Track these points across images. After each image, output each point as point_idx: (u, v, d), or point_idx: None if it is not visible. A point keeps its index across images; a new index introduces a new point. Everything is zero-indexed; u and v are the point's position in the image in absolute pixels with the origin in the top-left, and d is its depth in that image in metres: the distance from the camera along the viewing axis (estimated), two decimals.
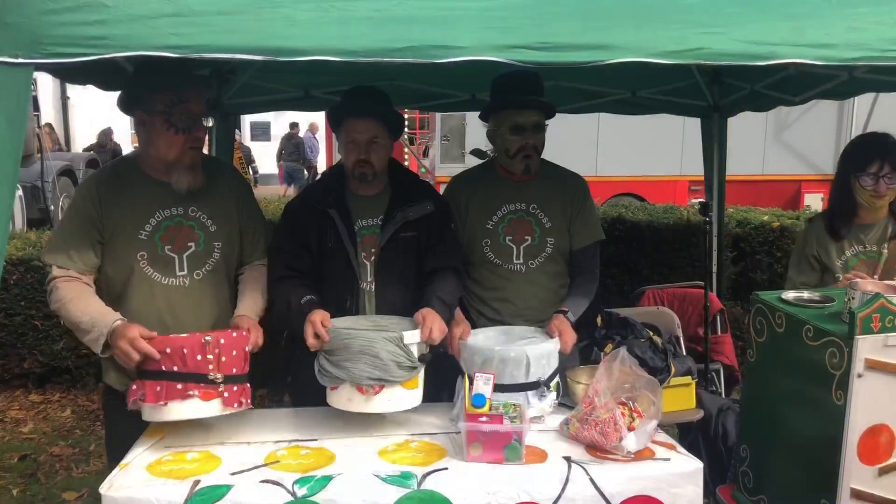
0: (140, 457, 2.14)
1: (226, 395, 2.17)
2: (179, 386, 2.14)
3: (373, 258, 2.63)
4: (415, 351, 2.29)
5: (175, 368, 2.13)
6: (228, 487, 1.96)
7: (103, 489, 1.95)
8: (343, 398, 2.26)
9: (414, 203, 2.68)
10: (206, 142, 3.18)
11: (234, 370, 2.19)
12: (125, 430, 2.31)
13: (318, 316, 2.35)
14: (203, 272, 2.52)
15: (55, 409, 5.20)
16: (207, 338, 2.16)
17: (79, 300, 2.35)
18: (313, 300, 2.47)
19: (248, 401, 2.25)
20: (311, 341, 2.32)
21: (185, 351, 2.13)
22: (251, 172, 16.86)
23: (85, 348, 5.14)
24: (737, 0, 2.00)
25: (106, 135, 17.91)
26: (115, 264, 2.44)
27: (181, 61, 1.90)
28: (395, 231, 2.64)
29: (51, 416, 5.06)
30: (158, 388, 2.14)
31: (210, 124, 2.56)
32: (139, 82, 2.43)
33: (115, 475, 2.03)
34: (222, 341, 2.17)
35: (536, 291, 2.89)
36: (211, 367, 2.15)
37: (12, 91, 1.86)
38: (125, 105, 2.47)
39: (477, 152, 3.05)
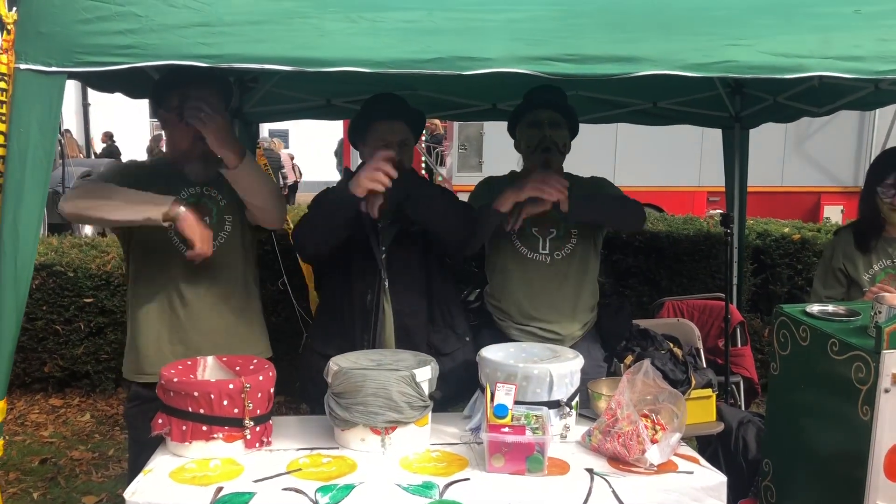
0: (163, 463, 2.15)
1: (248, 437, 2.22)
2: (205, 428, 2.18)
3: (383, 255, 2.67)
4: (425, 388, 2.29)
5: (201, 411, 2.17)
6: (251, 494, 1.96)
7: (127, 495, 1.96)
8: (356, 438, 2.25)
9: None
10: None
11: (259, 411, 2.24)
12: (148, 436, 2.32)
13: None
14: (217, 244, 2.58)
15: (75, 413, 5.24)
16: (231, 385, 2.19)
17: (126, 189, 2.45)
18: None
19: (269, 439, 2.29)
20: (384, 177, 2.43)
21: (212, 397, 2.16)
22: (280, 179, 17.07)
23: (105, 353, 5.26)
24: (765, 12, 1.99)
25: (156, 141, 18.27)
26: (145, 229, 2.50)
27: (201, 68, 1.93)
28: (401, 227, 2.68)
29: (70, 421, 5.10)
30: (184, 428, 2.18)
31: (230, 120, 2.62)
32: (159, 87, 2.56)
33: (139, 481, 2.04)
34: (248, 387, 2.20)
35: (561, 284, 2.89)
36: (236, 410, 2.19)
37: (45, 99, 1.89)
38: (153, 109, 2.61)
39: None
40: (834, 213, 10.83)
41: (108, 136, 18.39)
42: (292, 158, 19.69)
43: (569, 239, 2.90)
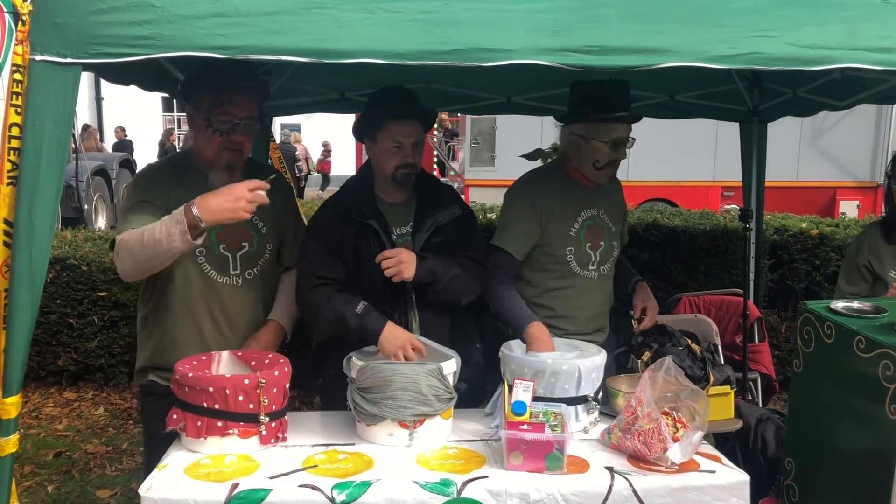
0: (178, 459, 2.14)
1: (264, 432, 2.20)
2: (220, 423, 2.16)
3: None
4: (451, 381, 2.27)
5: (217, 406, 2.16)
6: (267, 491, 1.94)
7: (143, 490, 1.95)
8: (384, 434, 2.23)
9: (442, 208, 2.66)
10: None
11: (274, 407, 2.22)
12: (164, 432, 2.31)
13: (405, 335, 2.41)
14: (254, 272, 2.57)
15: (89, 406, 5.24)
16: (247, 380, 2.17)
17: (144, 230, 2.25)
18: (369, 306, 2.45)
19: (285, 434, 2.27)
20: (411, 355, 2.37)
21: (227, 392, 2.15)
22: (296, 171, 17.25)
23: (119, 347, 5.26)
24: (791, 3, 1.96)
25: (168, 135, 18.44)
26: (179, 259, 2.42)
27: (238, 62, 1.90)
28: (426, 237, 2.61)
29: (84, 414, 5.11)
30: (199, 423, 2.17)
31: (257, 128, 2.53)
32: (194, 79, 2.46)
33: (154, 477, 2.02)
34: (263, 382, 2.18)
35: (602, 297, 2.87)
36: (251, 405, 2.17)
37: (60, 91, 1.88)
38: (184, 98, 2.51)
39: (538, 153, 3.02)
40: (850, 209, 10.75)
41: (122, 130, 18.52)
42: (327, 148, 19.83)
43: (612, 252, 2.87)
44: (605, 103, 2.71)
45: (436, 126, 13.92)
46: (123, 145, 17.25)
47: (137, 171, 2.67)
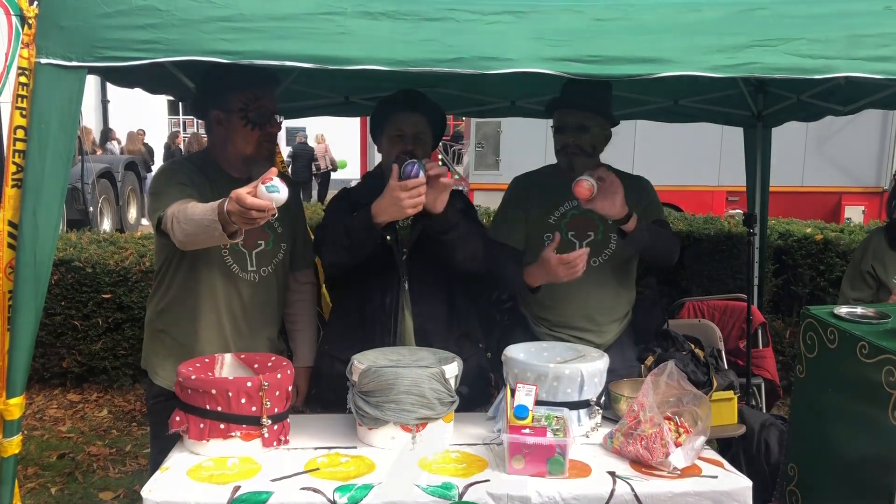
0: (181, 461, 2.14)
1: (266, 435, 2.20)
2: (222, 426, 2.16)
3: (404, 257, 2.63)
4: (453, 384, 2.27)
5: (219, 409, 2.16)
6: (269, 494, 1.95)
7: (145, 493, 1.95)
8: (386, 437, 2.23)
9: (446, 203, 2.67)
10: None
11: (276, 410, 2.23)
12: (167, 434, 2.31)
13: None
14: (268, 270, 2.62)
15: (92, 408, 5.26)
16: (249, 383, 2.18)
17: (192, 207, 2.22)
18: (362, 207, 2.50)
19: (287, 437, 2.28)
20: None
21: (229, 394, 2.15)
22: (313, 169, 17.42)
23: (123, 349, 5.28)
24: (791, 11, 1.96)
25: (173, 137, 18.57)
26: (202, 249, 2.45)
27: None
28: (423, 229, 2.62)
29: (88, 416, 5.13)
30: (202, 426, 2.17)
31: (281, 121, 2.61)
32: (216, 83, 2.49)
33: (156, 479, 2.03)
34: (266, 385, 2.18)
35: (598, 292, 2.81)
36: (254, 408, 2.18)
37: (65, 93, 1.89)
38: (199, 106, 2.56)
39: None
40: (855, 214, 10.71)
41: (142, 133, 18.60)
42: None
43: (607, 244, 2.81)
44: (560, 96, 2.84)
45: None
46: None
47: (154, 171, 2.69)
